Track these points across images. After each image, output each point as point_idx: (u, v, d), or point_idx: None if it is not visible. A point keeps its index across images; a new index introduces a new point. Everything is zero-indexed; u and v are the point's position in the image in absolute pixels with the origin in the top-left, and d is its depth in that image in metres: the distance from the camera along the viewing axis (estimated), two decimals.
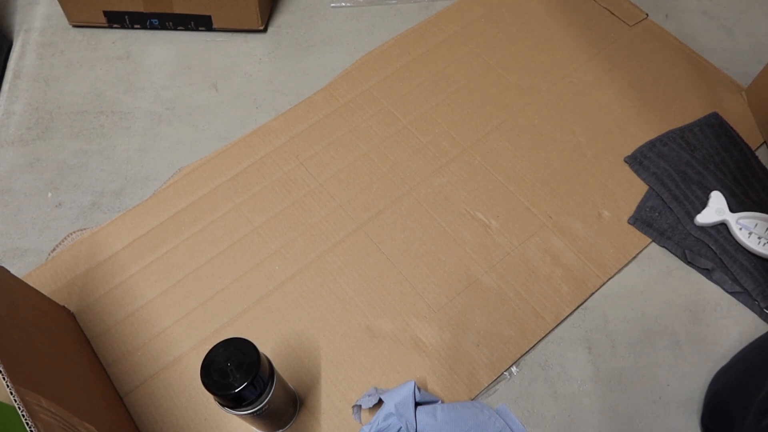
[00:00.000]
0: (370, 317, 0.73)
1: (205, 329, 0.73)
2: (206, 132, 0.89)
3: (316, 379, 0.69)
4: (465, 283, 0.75)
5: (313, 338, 0.72)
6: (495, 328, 0.72)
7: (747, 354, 0.66)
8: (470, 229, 0.78)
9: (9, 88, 0.94)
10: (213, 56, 0.97)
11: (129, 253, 0.78)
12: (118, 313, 0.74)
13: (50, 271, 0.76)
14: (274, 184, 0.83)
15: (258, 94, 0.92)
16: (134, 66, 0.96)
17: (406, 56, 0.94)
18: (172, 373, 0.70)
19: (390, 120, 0.88)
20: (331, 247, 0.78)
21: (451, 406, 0.66)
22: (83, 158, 0.87)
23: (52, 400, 0.49)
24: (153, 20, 0.97)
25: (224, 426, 0.67)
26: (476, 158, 0.84)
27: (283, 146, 0.86)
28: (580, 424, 0.68)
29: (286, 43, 0.98)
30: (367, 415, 0.67)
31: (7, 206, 0.83)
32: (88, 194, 0.84)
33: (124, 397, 0.69)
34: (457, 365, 0.70)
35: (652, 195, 0.80)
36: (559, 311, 0.73)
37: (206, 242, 0.78)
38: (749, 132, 0.86)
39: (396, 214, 0.80)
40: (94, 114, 0.91)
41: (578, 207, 0.80)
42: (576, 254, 0.76)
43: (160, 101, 0.92)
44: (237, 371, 0.50)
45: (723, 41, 0.96)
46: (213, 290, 0.75)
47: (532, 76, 0.91)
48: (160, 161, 0.86)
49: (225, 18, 0.96)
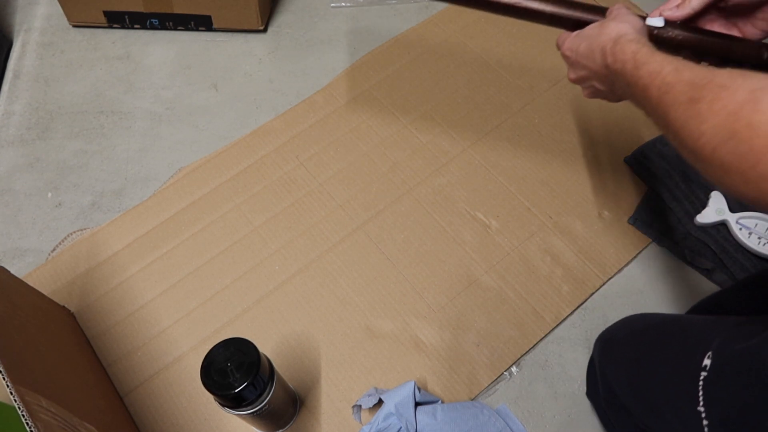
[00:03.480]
0: (370, 317, 0.73)
1: (205, 329, 0.73)
2: (206, 132, 0.89)
3: (316, 379, 0.69)
4: (465, 283, 0.75)
5: (313, 338, 0.72)
6: (495, 328, 0.72)
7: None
8: (470, 229, 0.78)
9: (9, 88, 0.94)
10: (213, 56, 0.97)
11: (129, 253, 0.78)
12: (118, 313, 0.74)
13: (50, 271, 0.76)
14: (274, 184, 0.83)
15: (258, 94, 0.92)
16: (134, 66, 0.96)
17: (406, 56, 0.94)
18: (172, 373, 0.70)
19: (390, 120, 0.88)
20: (331, 247, 0.78)
21: (451, 406, 0.66)
22: (83, 158, 0.87)
23: (52, 400, 0.49)
24: (153, 20, 0.97)
25: (224, 426, 0.67)
26: (476, 158, 0.84)
27: (283, 146, 0.86)
28: (580, 424, 0.68)
29: (286, 43, 0.98)
30: (367, 415, 0.67)
31: (7, 206, 0.83)
32: (88, 194, 0.84)
33: (124, 397, 0.69)
34: (457, 365, 0.70)
35: (652, 195, 0.80)
36: (559, 311, 0.73)
37: (206, 242, 0.78)
38: None
39: (396, 214, 0.80)
40: (94, 114, 0.91)
41: (578, 207, 0.80)
42: (576, 254, 0.76)
43: (160, 101, 0.92)
44: (237, 371, 0.50)
45: None
46: (213, 290, 0.75)
47: (532, 76, 0.91)
48: (160, 161, 0.86)
49: (225, 18, 0.96)
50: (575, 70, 0.55)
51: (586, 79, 0.54)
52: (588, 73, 0.53)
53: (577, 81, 0.56)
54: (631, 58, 0.45)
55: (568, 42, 0.56)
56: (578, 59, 0.54)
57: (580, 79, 0.55)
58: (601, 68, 0.50)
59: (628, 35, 0.48)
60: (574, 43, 0.54)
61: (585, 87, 0.56)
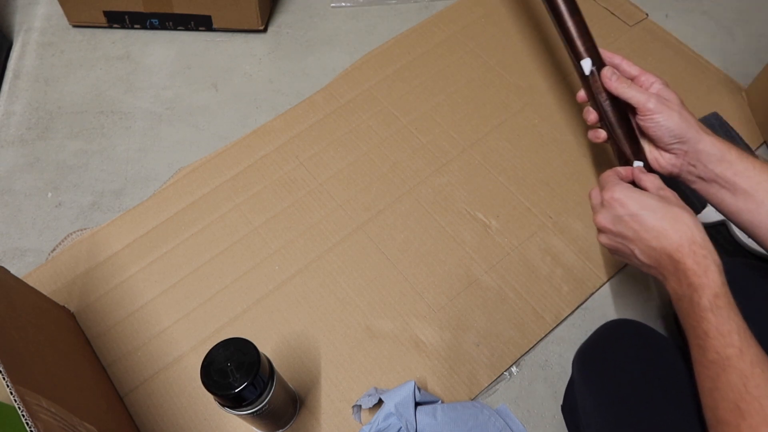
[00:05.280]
0: (370, 317, 0.73)
1: (205, 329, 0.73)
2: (206, 132, 0.89)
3: (316, 379, 0.69)
4: (465, 283, 0.75)
5: (313, 338, 0.72)
6: (495, 328, 0.72)
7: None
8: (470, 229, 0.78)
9: (9, 88, 0.94)
10: (213, 56, 0.97)
11: (129, 253, 0.78)
12: (118, 313, 0.74)
13: (50, 271, 0.76)
14: (274, 184, 0.83)
15: (258, 94, 0.92)
16: (134, 66, 0.96)
17: (406, 56, 0.94)
18: (172, 373, 0.70)
19: (390, 120, 0.88)
20: (331, 247, 0.78)
21: (451, 406, 0.66)
22: (83, 158, 0.87)
23: (52, 400, 0.49)
24: (153, 20, 0.97)
25: (224, 426, 0.67)
26: (476, 158, 0.84)
27: (283, 146, 0.86)
28: None
29: (286, 43, 0.98)
30: (367, 415, 0.67)
31: (7, 206, 0.83)
32: (88, 194, 0.84)
33: (124, 397, 0.69)
34: (457, 365, 0.70)
35: None
36: (559, 311, 0.73)
37: (206, 242, 0.78)
38: (749, 132, 0.86)
39: (396, 214, 0.80)
40: (94, 114, 0.91)
41: (578, 207, 0.80)
42: (576, 254, 0.76)
43: (160, 101, 0.92)
44: (237, 371, 0.50)
45: (723, 41, 0.96)
46: (213, 290, 0.75)
47: (532, 76, 0.91)
48: (160, 161, 0.86)
49: (225, 18, 0.96)
50: (617, 224, 0.53)
51: (627, 240, 0.52)
52: (635, 240, 0.51)
53: (608, 232, 0.54)
54: (710, 292, 0.44)
55: (619, 192, 0.53)
56: (632, 225, 0.51)
57: (617, 235, 0.53)
58: (663, 257, 0.49)
59: (701, 244, 0.47)
60: (631, 203, 0.51)
61: (613, 241, 0.54)
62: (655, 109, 0.55)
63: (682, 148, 0.56)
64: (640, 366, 0.52)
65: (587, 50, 0.63)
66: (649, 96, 0.56)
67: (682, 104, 0.57)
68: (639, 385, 0.51)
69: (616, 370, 0.53)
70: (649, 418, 0.49)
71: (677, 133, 0.55)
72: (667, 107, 0.56)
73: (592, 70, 0.62)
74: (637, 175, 0.57)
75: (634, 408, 0.50)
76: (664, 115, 0.55)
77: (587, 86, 0.63)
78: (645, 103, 0.56)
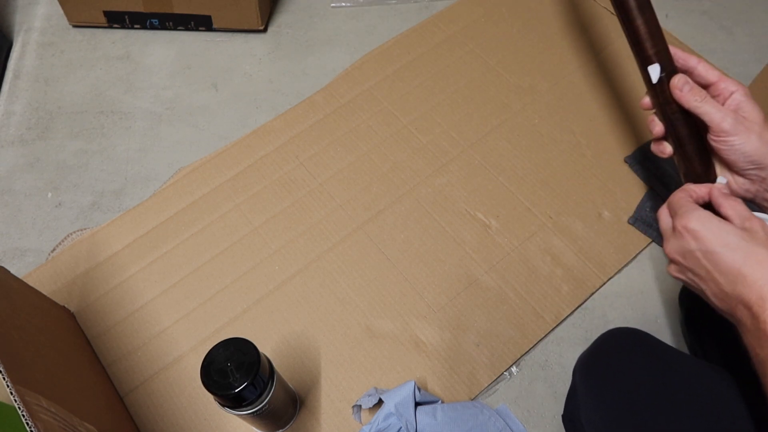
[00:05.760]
0: (370, 317, 0.73)
1: (205, 329, 0.73)
2: (206, 132, 0.89)
3: (316, 379, 0.69)
4: (465, 283, 0.75)
5: (313, 338, 0.72)
6: (495, 328, 0.72)
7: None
8: (470, 229, 0.78)
9: (9, 88, 0.94)
10: (213, 56, 0.97)
11: (129, 253, 0.78)
12: (118, 313, 0.74)
13: (50, 271, 0.76)
14: (274, 184, 0.83)
15: (258, 94, 0.92)
16: (134, 66, 0.96)
17: (406, 56, 0.94)
18: (172, 373, 0.70)
19: (390, 120, 0.88)
20: (331, 247, 0.78)
21: (451, 406, 0.66)
22: (83, 158, 0.87)
23: (52, 400, 0.49)
24: (153, 20, 0.97)
25: (224, 426, 0.67)
26: (476, 158, 0.84)
27: (283, 146, 0.86)
28: None
29: (286, 43, 0.98)
30: (367, 415, 0.67)
31: (7, 206, 0.83)
32: (88, 194, 0.84)
33: (124, 397, 0.69)
34: (457, 365, 0.70)
35: (652, 195, 0.80)
36: (559, 311, 0.73)
37: (206, 242, 0.78)
38: None
39: (396, 214, 0.80)
40: (94, 114, 0.91)
41: (578, 207, 0.80)
42: (576, 254, 0.76)
43: (160, 101, 0.92)
44: (237, 371, 0.50)
45: (723, 41, 0.96)
46: (213, 290, 0.75)
47: (532, 76, 0.91)
48: (160, 161, 0.86)
49: (225, 18, 0.96)
50: (688, 258, 0.46)
51: (698, 278, 0.46)
52: (707, 280, 0.44)
53: (678, 264, 0.47)
54: None
55: (695, 221, 0.45)
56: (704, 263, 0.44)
57: (688, 270, 0.46)
58: (740, 307, 0.41)
59: None
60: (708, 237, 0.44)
61: (683, 275, 0.48)
62: (731, 130, 0.49)
63: (759, 175, 0.49)
64: (645, 375, 0.49)
65: (657, 53, 0.54)
66: (725, 114, 0.49)
67: (764, 123, 0.49)
68: (645, 395, 0.48)
69: (621, 380, 0.50)
70: (656, 427, 0.46)
71: (755, 159, 0.48)
72: (745, 128, 0.49)
73: (660, 77, 0.54)
74: (717, 198, 0.48)
75: (641, 418, 0.47)
76: (741, 138, 0.48)
77: (654, 95, 0.55)
78: (720, 123, 0.49)
